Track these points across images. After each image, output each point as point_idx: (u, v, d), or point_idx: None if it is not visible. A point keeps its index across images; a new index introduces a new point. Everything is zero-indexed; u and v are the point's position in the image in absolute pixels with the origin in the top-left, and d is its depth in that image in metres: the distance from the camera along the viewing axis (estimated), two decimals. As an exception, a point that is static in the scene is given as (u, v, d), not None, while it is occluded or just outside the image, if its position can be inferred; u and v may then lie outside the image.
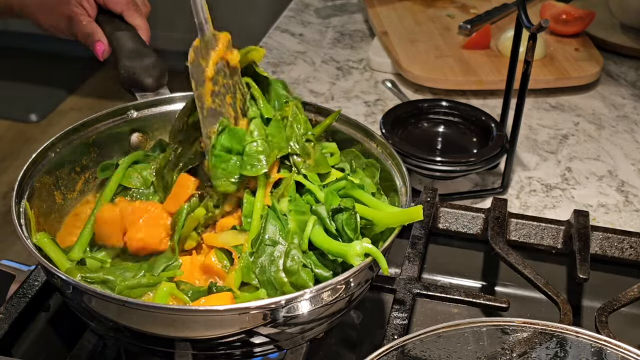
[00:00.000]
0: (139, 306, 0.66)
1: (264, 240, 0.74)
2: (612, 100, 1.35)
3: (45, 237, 0.76)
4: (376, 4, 1.56)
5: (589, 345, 0.67)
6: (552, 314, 0.83)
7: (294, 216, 0.76)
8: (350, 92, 1.34)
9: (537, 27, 0.93)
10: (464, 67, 1.34)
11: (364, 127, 0.88)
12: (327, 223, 0.75)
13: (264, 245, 0.74)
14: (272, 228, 0.75)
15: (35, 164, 0.81)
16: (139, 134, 0.91)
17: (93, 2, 1.01)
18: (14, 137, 3.13)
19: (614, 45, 1.49)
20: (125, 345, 0.79)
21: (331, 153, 0.86)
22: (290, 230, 0.75)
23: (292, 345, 0.74)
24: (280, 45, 1.50)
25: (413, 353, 0.67)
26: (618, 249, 0.94)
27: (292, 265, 0.73)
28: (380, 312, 0.92)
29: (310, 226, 0.75)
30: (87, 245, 0.79)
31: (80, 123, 0.87)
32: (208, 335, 0.68)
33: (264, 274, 0.73)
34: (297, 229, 0.75)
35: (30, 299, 0.80)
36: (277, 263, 0.73)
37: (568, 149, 1.20)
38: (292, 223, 0.76)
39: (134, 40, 0.98)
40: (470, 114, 1.12)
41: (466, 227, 0.97)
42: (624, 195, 1.10)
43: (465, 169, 1.03)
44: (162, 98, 0.92)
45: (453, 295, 0.84)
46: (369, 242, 0.73)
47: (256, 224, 0.75)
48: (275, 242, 0.74)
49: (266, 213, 0.76)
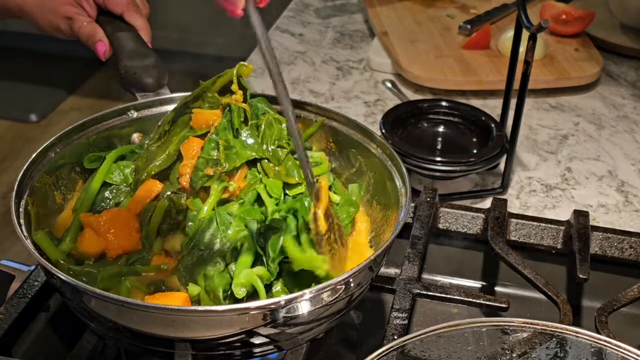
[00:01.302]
0: (139, 306, 0.66)
1: (197, 245, 0.76)
2: (612, 100, 1.35)
3: (44, 235, 0.77)
4: (376, 4, 1.56)
5: (589, 345, 0.67)
6: (552, 314, 0.83)
7: (237, 222, 0.77)
8: (350, 92, 1.34)
9: (537, 27, 0.93)
10: (464, 67, 1.34)
11: (363, 127, 0.88)
12: (250, 240, 0.76)
13: (197, 249, 0.76)
14: (208, 233, 0.76)
15: (35, 164, 0.81)
16: (139, 134, 0.91)
17: (93, 3, 1.01)
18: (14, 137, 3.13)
19: (614, 45, 1.49)
20: (125, 346, 0.79)
21: (317, 163, 0.87)
22: (227, 237, 0.77)
23: (292, 345, 0.74)
24: (280, 45, 1.50)
25: (413, 353, 0.67)
26: (618, 249, 0.94)
27: (210, 271, 0.74)
28: (380, 312, 0.92)
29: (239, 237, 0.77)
30: (76, 236, 0.80)
31: (80, 123, 0.87)
32: (208, 335, 0.68)
33: (192, 277, 0.75)
34: (235, 236, 0.77)
35: (30, 299, 0.80)
36: (203, 267, 0.75)
37: (568, 149, 1.20)
38: (232, 230, 0.77)
39: (134, 41, 0.98)
40: (470, 114, 1.12)
41: (466, 227, 0.97)
42: (624, 195, 1.10)
43: (465, 169, 1.03)
44: (162, 98, 0.92)
45: (453, 295, 0.84)
46: (262, 271, 0.73)
47: (194, 228, 0.77)
48: (208, 247, 0.76)
49: (207, 219, 0.77)
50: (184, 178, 0.80)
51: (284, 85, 0.65)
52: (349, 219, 0.83)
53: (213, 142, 0.80)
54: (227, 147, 0.80)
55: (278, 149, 0.83)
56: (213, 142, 0.80)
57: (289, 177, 0.82)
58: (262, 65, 1.41)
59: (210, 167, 0.79)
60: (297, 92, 1.32)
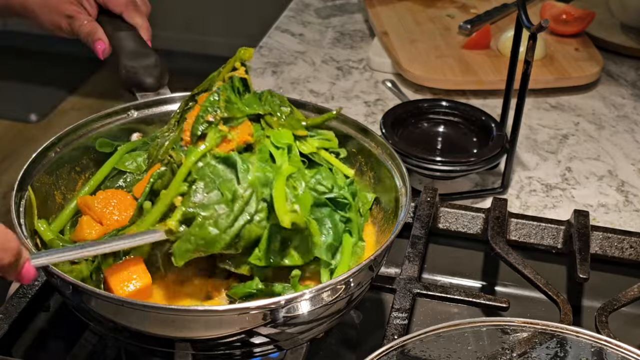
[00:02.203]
0: (138, 306, 0.66)
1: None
2: (612, 100, 1.35)
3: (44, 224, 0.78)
4: (376, 4, 1.56)
5: (589, 345, 0.67)
6: (552, 314, 0.83)
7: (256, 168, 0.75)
8: (350, 92, 1.34)
9: (537, 27, 0.93)
10: (464, 67, 1.34)
11: (364, 127, 0.88)
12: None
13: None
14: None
15: (35, 164, 0.81)
16: (139, 134, 0.91)
17: (93, 2, 1.01)
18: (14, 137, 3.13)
19: (614, 45, 1.48)
20: (125, 346, 0.79)
21: (327, 139, 0.86)
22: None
23: (292, 345, 0.74)
24: (280, 45, 1.50)
25: (413, 353, 0.67)
26: (618, 249, 0.94)
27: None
28: (380, 312, 0.92)
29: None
30: (69, 219, 0.81)
31: (80, 123, 0.87)
32: (208, 335, 0.68)
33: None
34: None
35: (30, 299, 0.80)
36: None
37: (568, 149, 1.20)
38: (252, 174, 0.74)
39: (134, 40, 0.98)
40: (470, 114, 1.12)
41: (466, 227, 0.97)
42: (624, 195, 1.10)
43: (465, 169, 1.03)
44: (163, 98, 0.92)
45: (453, 295, 0.84)
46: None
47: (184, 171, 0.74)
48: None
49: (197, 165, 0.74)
50: (187, 134, 0.78)
51: None
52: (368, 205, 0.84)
53: (215, 94, 0.79)
54: (229, 101, 0.79)
55: (282, 108, 0.83)
56: (215, 94, 0.79)
57: (298, 129, 0.81)
58: (262, 65, 1.41)
59: (210, 114, 0.78)
60: (297, 92, 1.32)
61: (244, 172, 0.73)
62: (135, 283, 0.72)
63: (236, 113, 0.79)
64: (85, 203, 0.80)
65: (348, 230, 0.78)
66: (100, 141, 0.87)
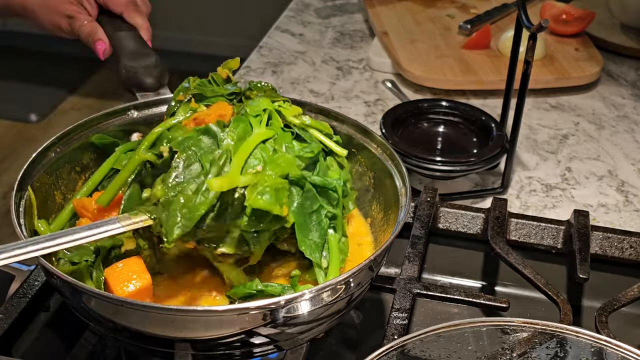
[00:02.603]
0: (138, 306, 0.66)
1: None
2: (612, 100, 1.35)
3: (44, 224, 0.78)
4: (376, 4, 1.56)
5: (589, 345, 0.67)
6: (552, 314, 0.83)
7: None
8: (350, 92, 1.34)
9: (537, 27, 0.93)
10: (464, 67, 1.34)
11: (363, 127, 0.88)
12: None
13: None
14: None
15: (35, 164, 0.81)
16: (139, 134, 0.91)
17: (94, 2, 1.01)
18: (14, 137, 3.13)
19: (614, 45, 1.49)
20: (125, 346, 0.79)
21: (326, 133, 0.86)
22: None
23: (292, 345, 0.74)
24: (280, 45, 1.50)
25: (413, 353, 0.67)
26: (618, 249, 0.94)
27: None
28: (380, 312, 0.92)
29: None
30: (67, 222, 0.81)
31: (80, 123, 0.87)
32: (207, 335, 0.68)
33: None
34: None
35: (30, 299, 0.80)
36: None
37: (568, 149, 1.20)
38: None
39: (135, 40, 0.98)
40: (470, 114, 1.12)
41: (466, 227, 0.97)
42: (624, 195, 1.10)
43: (465, 169, 1.03)
44: (163, 98, 0.92)
45: (453, 295, 0.84)
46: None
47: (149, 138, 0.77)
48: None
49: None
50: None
51: None
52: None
53: (186, 82, 0.83)
54: (202, 85, 0.82)
55: (263, 84, 0.84)
56: (186, 82, 0.83)
57: (278, 99, 0.81)
58: (262, 65, 1.41)
59: (181, 95, 0.81)
60: (297, 92, 1.32)
61: (223, 140, 0.73)
62: (135, 283, 0.72)
63: (208, 92, 0.81)
64: (82, 204, 0.80)
65: (332, 226, 0.78)
66: (97, 136, 0.87)
